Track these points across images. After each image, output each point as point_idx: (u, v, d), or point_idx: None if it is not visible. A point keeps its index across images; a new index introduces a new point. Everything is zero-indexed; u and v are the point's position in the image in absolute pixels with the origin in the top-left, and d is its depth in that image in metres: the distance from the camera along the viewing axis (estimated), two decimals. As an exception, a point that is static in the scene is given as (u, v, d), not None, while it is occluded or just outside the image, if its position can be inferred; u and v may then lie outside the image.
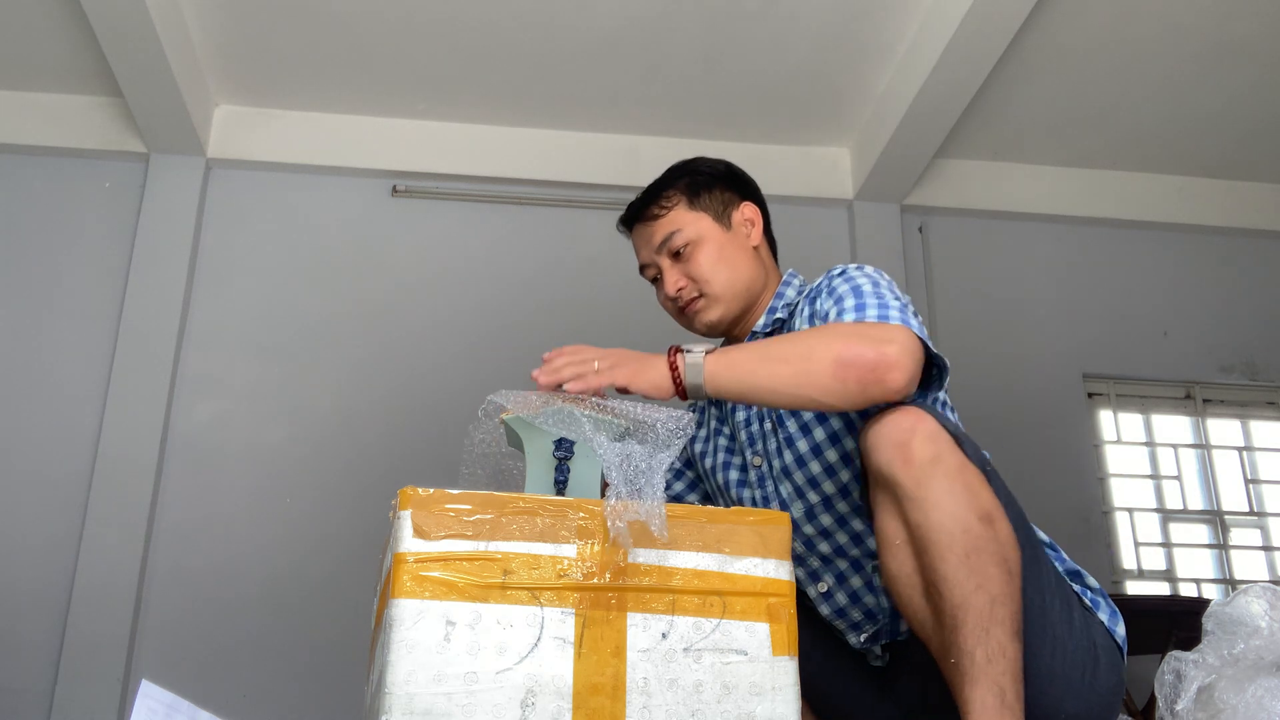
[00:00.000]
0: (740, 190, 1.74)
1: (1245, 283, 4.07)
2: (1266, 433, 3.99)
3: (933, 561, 1.21)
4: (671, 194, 1.69)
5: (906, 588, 1.26)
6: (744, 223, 1.71)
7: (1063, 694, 1.31)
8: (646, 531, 1.15)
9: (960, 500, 1.23)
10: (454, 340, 3.59)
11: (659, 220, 1.68)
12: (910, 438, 1.25)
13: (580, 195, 3.78)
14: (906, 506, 1.24)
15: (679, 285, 1.66)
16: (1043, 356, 3.84)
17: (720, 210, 1.69)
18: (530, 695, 1.08)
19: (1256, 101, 3.65)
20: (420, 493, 1.13)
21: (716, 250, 1.65)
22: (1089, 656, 1.35)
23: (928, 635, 1.25)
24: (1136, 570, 3.69)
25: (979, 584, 1.19)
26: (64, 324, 3.46)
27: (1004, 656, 1.18)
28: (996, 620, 1.19)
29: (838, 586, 1.57)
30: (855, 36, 3.33)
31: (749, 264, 1.68)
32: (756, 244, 1.71)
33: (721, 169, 1.75)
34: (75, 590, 3.14)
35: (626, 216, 1.74)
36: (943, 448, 1.25)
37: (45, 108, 3.60)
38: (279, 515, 3.34)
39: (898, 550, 1.27)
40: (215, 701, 1.72)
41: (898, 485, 1.25)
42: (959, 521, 1.21)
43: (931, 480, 1.23)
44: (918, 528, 1.23)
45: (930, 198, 3.93)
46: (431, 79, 3.55)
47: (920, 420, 1.27)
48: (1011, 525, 1.26)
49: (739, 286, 1.66)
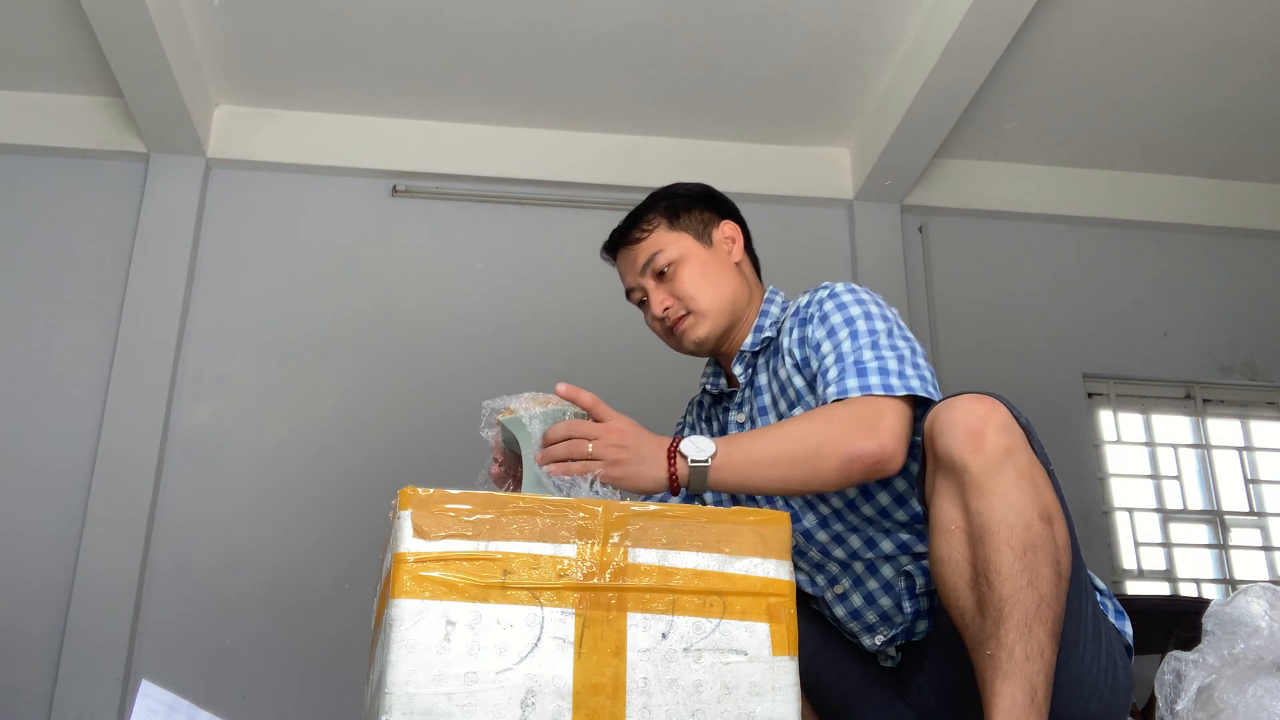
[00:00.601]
0: (719, 209, 1.76)
1: (1245, 283, 4.07)
2: (1266, 433, 4.00)
3: (988, 553, 1.21)
4: (652, 217, 1.71)
5: (954, 574, 1.26)
6: (725, 240, 1.73)
7: (1089, 695, 1.32)
8: (647, 531, 1.15)
9: (1027, 496, 1.23)
10: (453, 340, 3.59)
11: (641, 243, 1.70)
12: (984, 425, 1.25)
13: (580, 195, 3.78)
14: (970, 493, 1.24)
15: (666, 305, 1.67)
16: (1043, 356, 3.84)
17: (701, 229, 1.71)
18: (530, 695, 1.08)
19: (1256, 101, 3.65)
20: (420, 493, 1.13)
21: (700, 267, 1.67)
22: (1110, 660, 1.36)
23: (965, 624, 1.25)
24: (1136, 570, 3.69)
25: (1030, 581, 1.20)
26: (64, 324, 3.46)
27: (1041, 656, 1.18)
28: (1041, 620, 1.19)
29: (854, 589, 1.58)
30: (855, 36, 3.33)
31: (732, 280, 1.70)
32: (739, 260, 1.73)
33: (699, 190, 1.77)
34: (75, 590, 3.14)
35: (609, 244, 1.77)
36: (1015, 441, 1.26)
37: (45, 108, 3.61)
38: (279, 515, 3.34)
39: (952, 535, 1.26)
40: (215, 701, 1.72)
41: (965, 471, 1.24)
42: (1022, 517, 1.22)
43: (1002, 472, 1.23)
44: (978, 515, 1.23)
45: (930, 198, 3.93)
46: (432, 79, 3.55)
47: (995, 409, 1.27)
48: (1068, 529, 1.27)
49: (724, 302, 1.67)
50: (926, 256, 3.91)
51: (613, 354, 3.39)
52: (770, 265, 1.91)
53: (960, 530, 1.25)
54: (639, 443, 1.32)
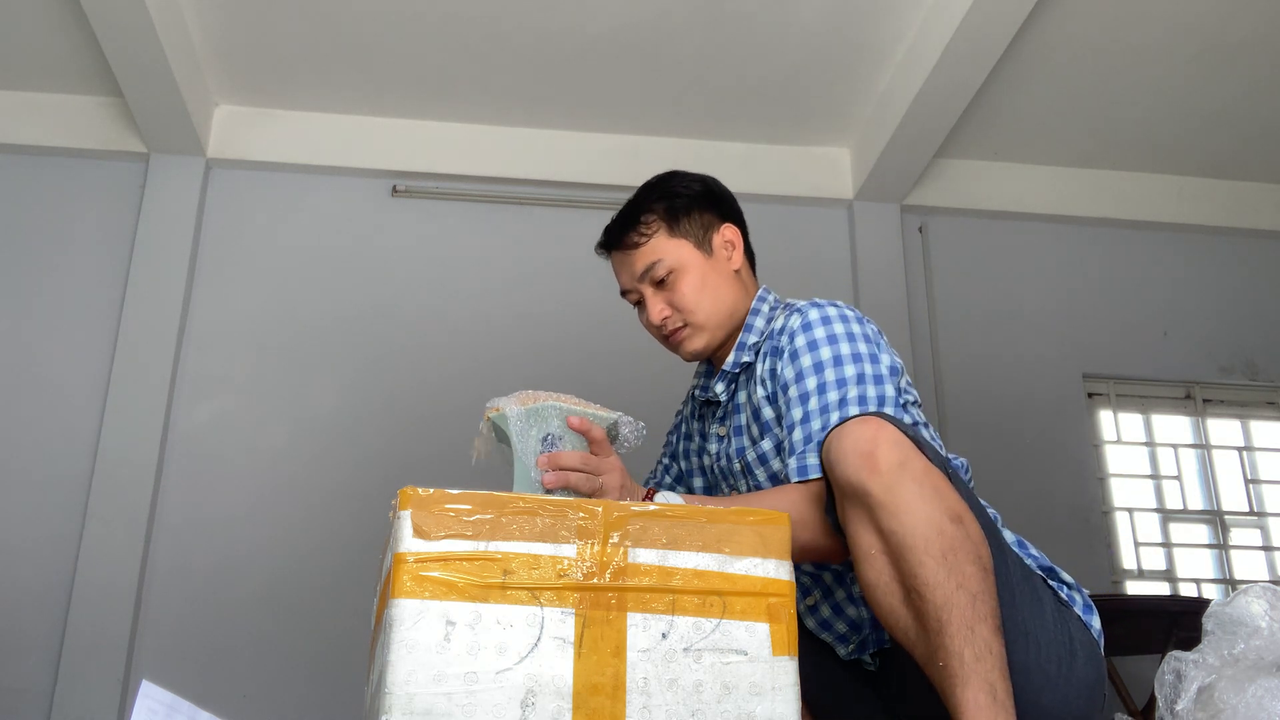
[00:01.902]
0: (719, 210, 1.73)
1: (1245, 283, 4.07)
2: (1266, 433, 4.00)
3: (911, 566, 1.22)
4: (651, 220, 1.68)
5: (886, 595, 1.26)
6: (724, 245, 1.71)
7: (1040, 687, 1.32)
8: (647, 531, 1.15)
9: (931, 503, 1.23)
10: (453, 340, 3.59)
11: (639, 249, 1.67)
12: (874, 446, 1.26)
13: (580, 195, 3.78)
14: (879, 514, 1.24)
15: (664, 315, 1.66)
16: (1043, 356, 3.84)
17: (701, 235, 1.69)
18: (530, 695, 1.08)
19: (1257, 101, 3.65)
20: (420, 493, 1.13)
21: (699, 279, 1.66)
22: (1065, 650, 1.36)
23: (911, 642, 1.25)
24: (1136, 570, 3.69)
25: (959, 583, 1.20)
26: (64, 324, 3.46)
27: (990, 653, 1.18)
28: (980, 617, 1.19)
29: (823, 600, 1.59)
30: (855, 36, 3.33)
31: (731, 290, 1.68)
32: (738, 267, 1.71)
33: (698, 189, 1.73)
34: (75, 590, 3.14)
35: (605, 241, 1.74)
36: (907, 452, 1.26)
37: (45, 108, 3.60)
38: (279, 515, 3.34)
39: (874, 559, 1.27)
40: (215, 701, 1.72)
41: (868, 494, 1.25)
42: (933, 524, 1.22)
43: (901, 485, 1.24)
44: (892, 534, 1.23)
45: (930, 198, 3.93)
46: (431, 79, 3.55)
47: (881, 428, 1.28)
48: (980, 523, 1.27)
49: (723, 315, 1.67)
50: (926, 256, 3.91)
51: (612, 354, 3.39)
52: (770, 266, 1.91)
53: (880, 552, 1.26)
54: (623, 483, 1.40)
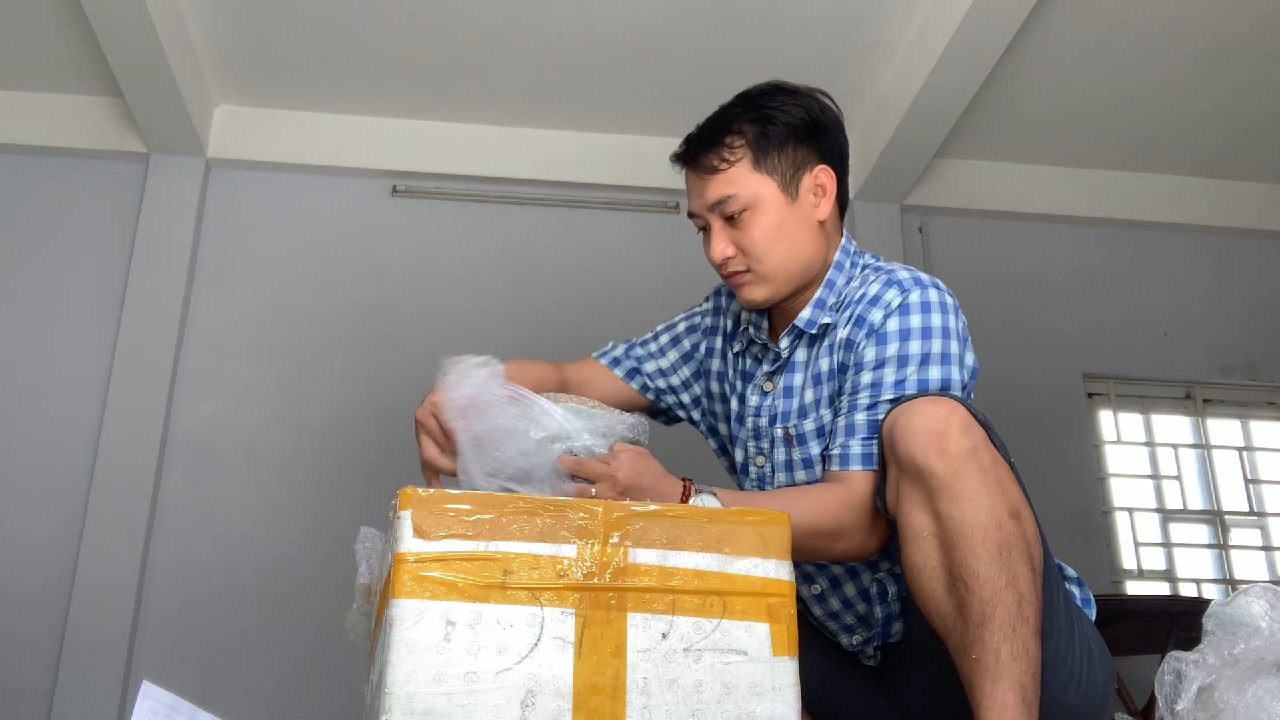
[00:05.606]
0: (818, 147, 1.52)
1: (1245, 283, 4.07)
2: (1266, 433, 3.99)
3: (964, 555, 1.20)
4: (737, 145, 1.48)
5: (930, 580, 1.24)
6: (814, 189, 1.51)
7: (1065, 683, 1.32)
8: (647, 531, 1.16)
9: (995, 495, 1.21)
10: (454, 340, 3.53)
11: (715, 176, 1.48)
12: (946, 428, 1.23)
13: (580, 195, 3.78)
14: (939, 497, 1.22)
15: (727, 254, 1.48)
16: (1043, 356, 3.83)
17: (789, 175, 1.49)
18: (530, 695, 1.08)
19: (1257, 101, 3.64)
20: (420, 493, 1.14)
21: (776, 224, 1.47)
22: (1084, 648, 1.36)
23: (947, 629, 1.23)
24: (1136, 570, 3.69)
25: (1009, 581, 1.19)
26: (64, 324, 3.46)
27: (1027, 655, 1.17)
28: (1023, 619, 1.18)
29: (831, 591, 1.56)
30: (855, 36, 3.33)
31: (809, 243, 1.50)
32: (824, 217, 1.52)
33: (799, 118, 1.51)
34: (75, 590, 3.14)
35: (683, 154, 1.54)
36: (978, 440, 1.24)
37: (45, 108, 3.60)
38: (279, 515, 3.34)
39: (924, 542, 1.24)
40: (215, 701, 1.72)
41: (932, 475, 1.22)
42: (993, 516, 1.20)
43: (967, 471, 1.21)
44: (949, 519, 1.21)
45: (930, 198, 3.93)
46: (431, 79, 3.55)
47: (954, 410, 1.25)
48: (1035, 522, 1.26)
49: (794, 269, 1.49)
50: (926, 256, 3.91)
51: (613, 354, 3.39)
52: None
53: (932, 536, 1.24)
54: (655, 478, 1.32)
